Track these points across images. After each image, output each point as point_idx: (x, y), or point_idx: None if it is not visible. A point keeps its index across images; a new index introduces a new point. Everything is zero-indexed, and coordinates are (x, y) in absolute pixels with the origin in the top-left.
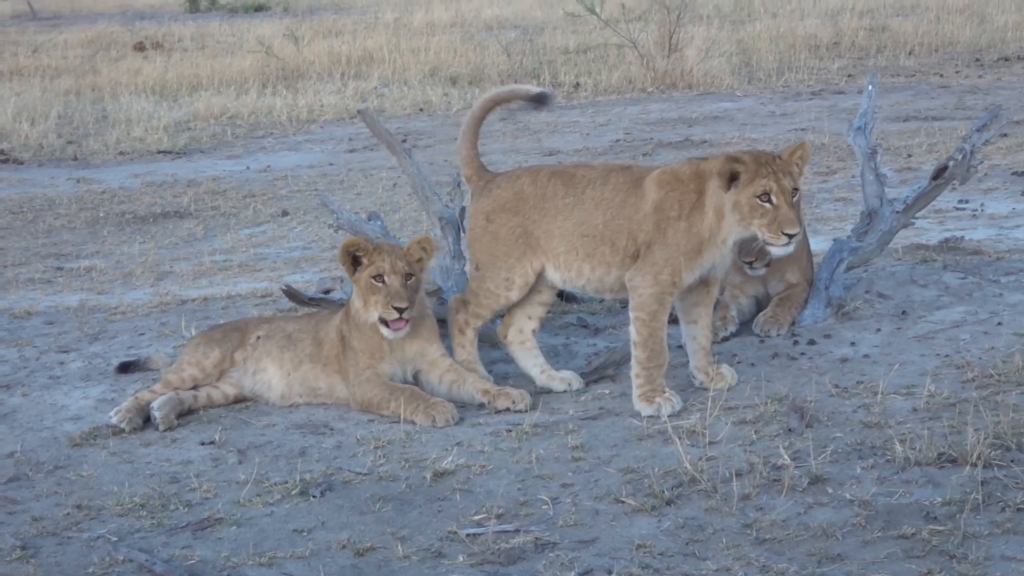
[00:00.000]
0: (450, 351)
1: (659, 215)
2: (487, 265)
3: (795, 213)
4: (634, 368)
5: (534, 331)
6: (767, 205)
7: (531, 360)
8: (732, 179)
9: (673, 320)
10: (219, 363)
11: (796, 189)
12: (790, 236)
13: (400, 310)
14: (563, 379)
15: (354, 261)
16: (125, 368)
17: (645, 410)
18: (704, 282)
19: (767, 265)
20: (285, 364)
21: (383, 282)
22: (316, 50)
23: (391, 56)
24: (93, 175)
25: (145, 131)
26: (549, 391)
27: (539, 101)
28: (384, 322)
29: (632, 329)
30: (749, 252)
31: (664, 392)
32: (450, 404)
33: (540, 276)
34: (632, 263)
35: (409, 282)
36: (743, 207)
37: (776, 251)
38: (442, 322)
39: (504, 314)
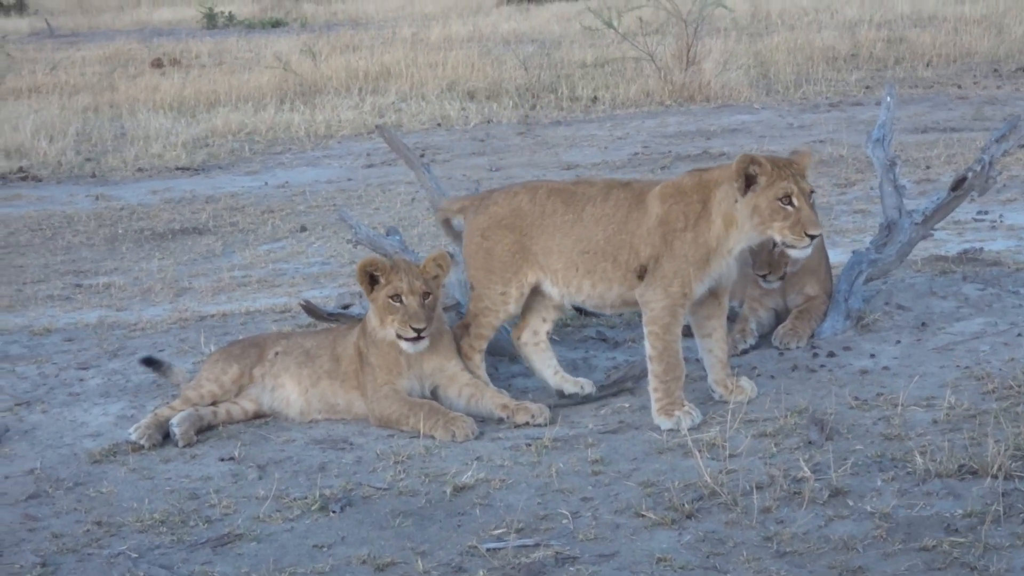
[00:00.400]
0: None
1: (665, 228)
2: (482, 282)
3: (815, 214)
4: (652, 382)
5: (548, 333)
6: (788, 208)
7: (545, 362)
8: (749, 182)
9: (688, 334)
10: (238, 379)
11: (812, 191)
12: (812, 237)
13: (418, 331)
14: (576, 382)
15: (371, 280)
16: (149, 362)
17: (665, 424)
18: (714, 294)
19: (781, 278)
20: (303, 380)
21: (401, 302)
22: (334, 65)
23: (409, 71)
24: (112, 192)
25: (163, 147)
26: (562, 393)
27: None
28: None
29: (647, 343)
30: (763, 264)
31: (683, 405)
32: (469, 419)
33: (536, 290)
34: (635, 279)
35: (427, 301)
36: (763, 211)
37: (797, 253)
38: None
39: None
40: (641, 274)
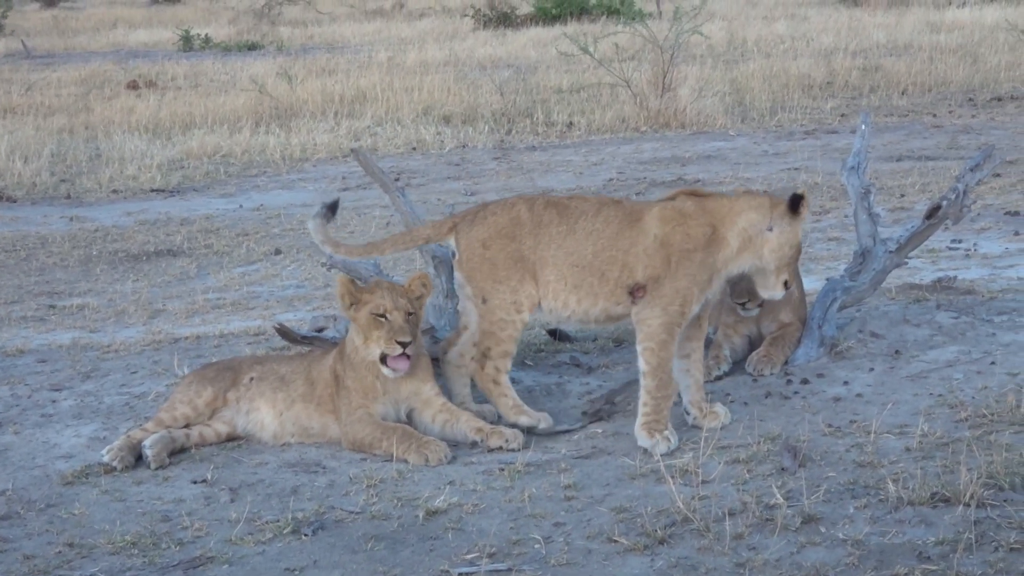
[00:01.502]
0: (446, 392)
1: (668, 249)
2: (492, 292)
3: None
4: (643, 398)
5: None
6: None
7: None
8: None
9: None
10: (211, 402)
11: None
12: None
13: (404, 344)
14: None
15: (353, 298)
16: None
17: (643, 440)
18: (697, 316)
19: (760, 305)
20: (278, 404)
21: (386, 318)
22: (309, 89)
23: (384, 95)
24: (86, 213)
25: (138, 169)
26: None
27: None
28: (385, 361)
29: (641, 360)
30: (742, 293)
31: (666, 429)
32: (442, 443)
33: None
34: (624, 295)
35: (410, 318)
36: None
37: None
38: (435, 361)
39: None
40: (632, 291)
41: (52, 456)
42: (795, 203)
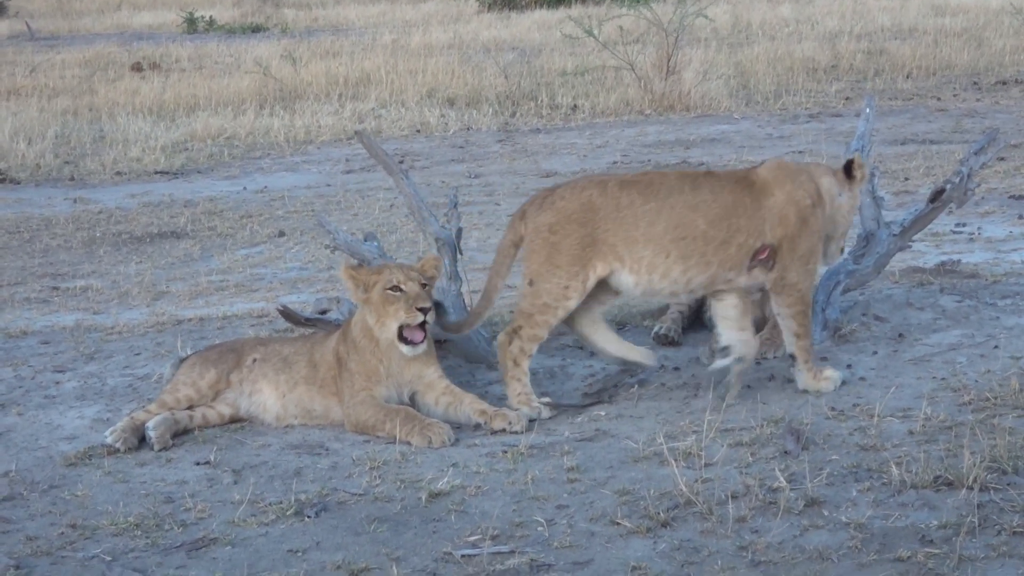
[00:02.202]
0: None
1: (796, 208)
2: (543, 276)
3: None
4: (800, 356)
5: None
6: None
7: (607, 336)
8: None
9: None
10: (215, 384)
11: None
12: None
13: (424, 311)
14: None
15: (362, 282)
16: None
17: (815, 385)
18: None
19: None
20: (280, 386)
21: (401, 291)
22: (314, 71)
23: (389, 77)
24: (90, 195)
25: (142, 151)
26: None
27: None
28: (404, 339)
29: (792, 323)
30: None
31: (823, 370)
32: (445, 425)
33: (603, 282)
34: (744, 258)
35: (424, 289)
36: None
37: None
38: (439, 343)
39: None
40: (757, 253)
41: (55, 437)
42: (849, 168)
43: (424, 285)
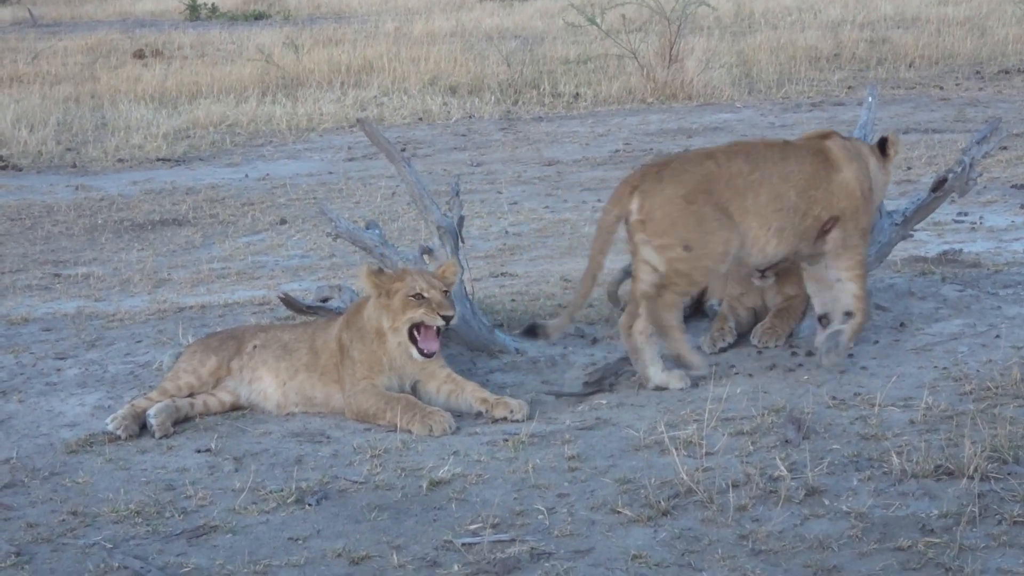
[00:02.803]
0: (461, 371)
1: (860, 180)
2: (701, 243)
3: None
4: (858, 315)
5: None
6: None
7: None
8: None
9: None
10: (215, 371)
11: None
12: None
13: (448, 318)
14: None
15: (383, 288)
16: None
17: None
18: None
19: (777, 275)
20: (281, 373)
21: (423, 298)
22: (316, 59)
23: (391, 65)
24: (92, 182)
25: (144, 139)
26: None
27: None
28: (418, 347)
29: (855, 286)
30: None
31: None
32: (446, 413)
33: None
34: (815, 231)
35: (445, 295)
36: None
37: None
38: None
39: None
40: (824, 225)
41: (56, 425)
42: (883, 145)
43: (445, 292)
